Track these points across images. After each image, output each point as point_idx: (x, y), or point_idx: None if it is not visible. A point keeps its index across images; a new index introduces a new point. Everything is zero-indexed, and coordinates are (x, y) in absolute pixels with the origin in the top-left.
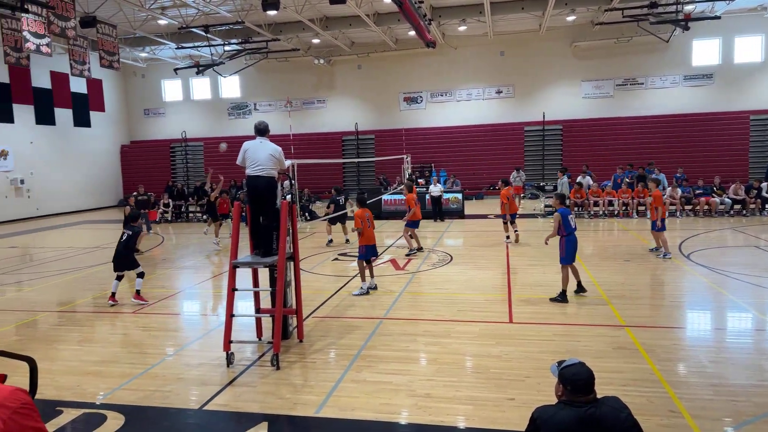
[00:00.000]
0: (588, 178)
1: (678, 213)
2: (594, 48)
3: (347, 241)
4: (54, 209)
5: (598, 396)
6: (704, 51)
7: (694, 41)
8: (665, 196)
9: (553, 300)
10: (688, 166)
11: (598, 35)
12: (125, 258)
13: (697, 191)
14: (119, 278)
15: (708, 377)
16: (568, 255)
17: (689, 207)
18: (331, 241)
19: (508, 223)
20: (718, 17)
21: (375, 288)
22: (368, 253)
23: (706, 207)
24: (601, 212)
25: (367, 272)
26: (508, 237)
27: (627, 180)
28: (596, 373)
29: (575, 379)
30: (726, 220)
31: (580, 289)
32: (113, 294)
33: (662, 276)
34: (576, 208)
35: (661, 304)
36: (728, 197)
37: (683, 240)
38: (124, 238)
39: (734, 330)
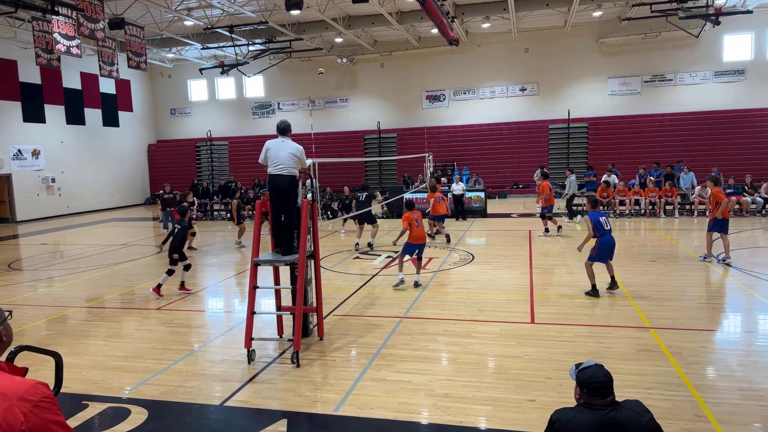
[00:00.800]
0: (614, 176)
1: (707, 212)
2: (621, 44)
3: (370, 245)
4: (83, 207)
5: (620, 399)
6: (736, 46)
7: (725, 36)
8: (694, 195)
9: (587, 293)
10: (718, 165)
11: (626, 31)
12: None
13: (728, 190)
14: (169, 272)
15: (736, 381)
16: (598, 254)
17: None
18: (357, 245)
19: (546, 217)
20: (750, 11)
21: (418, 284)
22: (407, 249)
23: (737, 206)
24: (627, 211)
25: (411, 265)
26: (547, 230)
27: (653, 178)
28: (619, 375)
29: (591, 382)
30: (757, 219)
31: (613, 284)
32: (159, 286)
33: (690, 277)
34: (602, 207)
35: (688, 306)
36: (760, 196)
37: (713, 240)
38: (176, 232)
39: (764, 333)
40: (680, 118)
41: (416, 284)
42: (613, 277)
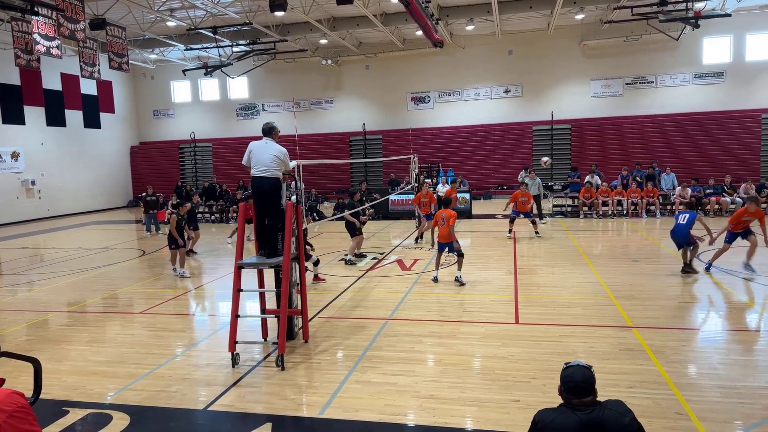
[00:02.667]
0: (597, 177)
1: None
2: (603, 47)
3: (358, 255)
4: (64, 210)
5: (603, 399)
6: (715, 49)
7: (704, 39)
8: (675, 196)
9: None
10: (698, 166)
11: (607, 34)
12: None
13: (708, 191)
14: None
15: (717, 379)
16: None
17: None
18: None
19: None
20: (729, 14)
21: (435, 280)
22: (439, 247)
23: (716, 206)
24: (610, 212)
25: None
26: (537, 232)
27: (637, 179)
28: (602, 374)
29: (566, 381)
30: None
31: None
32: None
33: (671, 277)
34: (585, 208)
35: (669, 305)
36: (739, 196)
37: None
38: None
39: (744, 332)
40: (661, 120)
41: (434, 280)
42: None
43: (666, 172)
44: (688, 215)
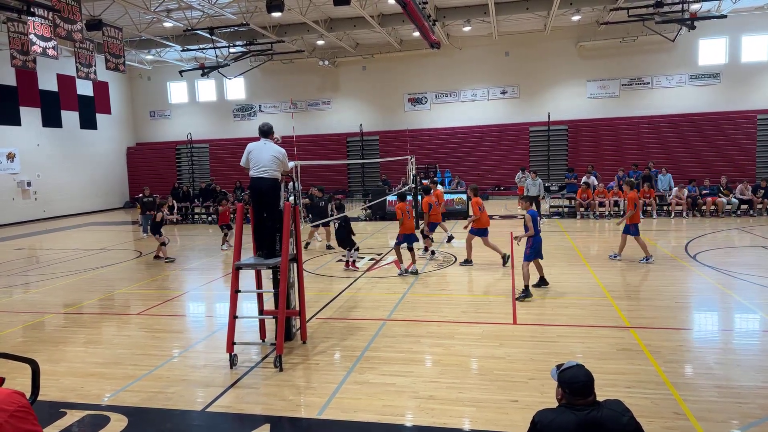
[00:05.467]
0: (593, 178)
1: (684, 213)
2: (599, 48)
3: (329, 247)
4: (60, 211)
5: (601, 399)
6: (711, 50)
7: (700, 40)
8: (671, 197)
9: (518, 299)
10: (694, 166)
11: (604, 35)
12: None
13: (704, 191)
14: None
15: (714, 379)
16: (532, 252)
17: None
18: (308, 244)
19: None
20: (725, 16)
21: (416, 273)
22: (405, 240)
23: (712, 207)
24: (606, 213)
25: (408, 257)
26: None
27: (633, 180)
28: (600, 374)
29: (572, 382)
30: (733, 220)
31: (542, 282)
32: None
33: (668, 277)
34: (582, 209)
35: (666, 305)
36: (735, 197)
37: (689, 240)
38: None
39: (740, 331)
40: (657, 121)
41: (415, 273)
42: (543, 276)
43: (662, 173)
44: None
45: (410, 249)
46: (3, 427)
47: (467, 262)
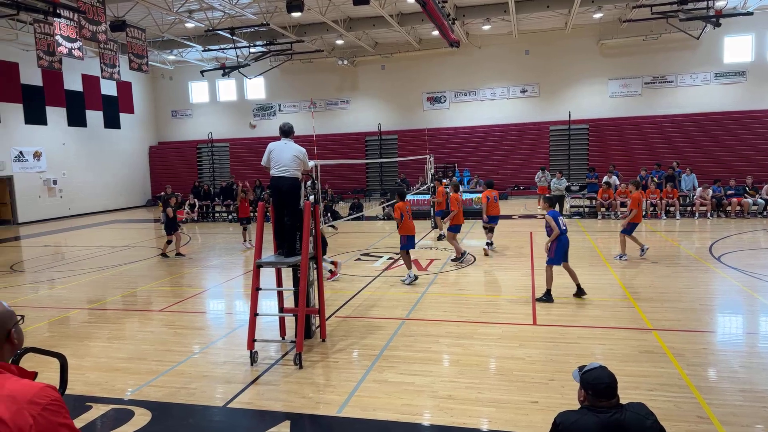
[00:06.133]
0: (615, 177)
1: (709, 214)
2: (621, 46)
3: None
4: (85, 209)
5: (623, 401)
6: (736, 48)
7: (725, 38)
8: (695, 197)
9: (538, 300)
10: (719, 166)
11: (626, 33)
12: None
13: (729, 191)
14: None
15: (738, 383)
16: (557, 256)
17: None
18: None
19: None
20: (751, 13)
21: (416, 279)
22: (410, 243)
23: (738, 208)
24: (628, 213)
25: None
26: (489, 243)
27: (656, 180)
28: (622, 377)
29: (596, 383)
30: (759, 221)
31: (580, 292)
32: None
33: (692, 278)
34: (603, 209)
35: (690, 307)
36: (761, 197)
37: (714, 242)
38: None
39: (766, 334)
40: (681, 120)
41: (416, 278)
42: (579, 285)
43: (686, 173)
44: None
45: (408, 251)
46: (36, 419)
47: (458, 259)
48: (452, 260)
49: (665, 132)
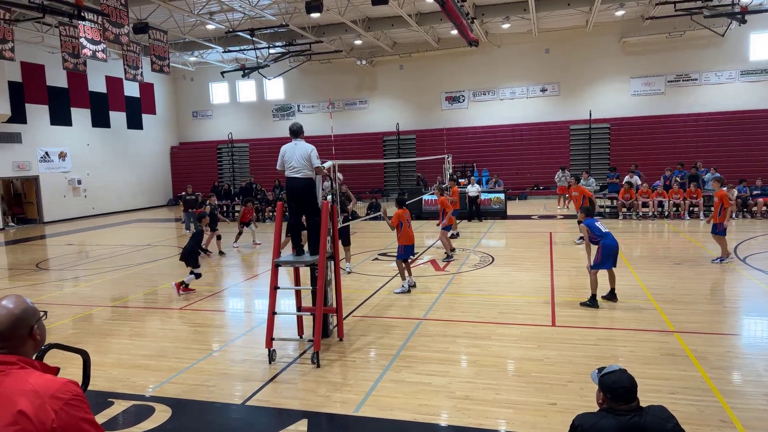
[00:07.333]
0: (636, 177)
1: (734, 214)
2: (644, 43)
3: (221, 253)
4: (108, 208)
5: (643, 404)
6: (763, 45)
7: (751, 34)
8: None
9: (583, 304)
10: (745, 166)
11: (649, 30)
12: (188, 254)
13: (755, 192)
14: (192, 273)
15: (763, 386)
16: (602, 260)
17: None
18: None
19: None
20: None
21: (414, 286)
22: (406, 253)
23: (764, 208)
24: (650, 213)
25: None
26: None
27: (678, 180)
28: (642, 379)
29: (615, 387)
30: None
31: (612, 296)
32: (183, 284)
33: (716, 280)
34: (624, 209)
35: (714, 310)
36: None
37: (739, 243)
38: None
39: None
40: (705, 119)
41: (413, 286)
42: (613, 289)
43: (711, 172)
44: None
45: (405, 260)
46: (58, 414)
47: (449, 257)
48: (444, 261)
49: (689, 131)
